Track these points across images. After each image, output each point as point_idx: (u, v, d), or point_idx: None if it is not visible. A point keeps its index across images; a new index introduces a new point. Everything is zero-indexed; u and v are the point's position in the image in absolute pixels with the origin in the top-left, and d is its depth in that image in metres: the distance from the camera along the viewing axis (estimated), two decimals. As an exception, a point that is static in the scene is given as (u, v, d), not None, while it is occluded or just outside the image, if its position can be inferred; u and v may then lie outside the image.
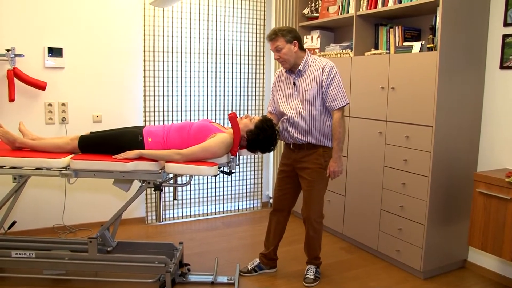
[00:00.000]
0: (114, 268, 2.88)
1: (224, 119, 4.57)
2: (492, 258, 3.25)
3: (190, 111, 4.41)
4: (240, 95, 4.64)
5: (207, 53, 4.42)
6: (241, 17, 4.53)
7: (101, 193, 4.14)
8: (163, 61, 4.20)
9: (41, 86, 3.65)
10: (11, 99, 3.53)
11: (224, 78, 4.53)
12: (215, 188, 4.69)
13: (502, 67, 3.10)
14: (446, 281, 3.21)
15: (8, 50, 3.53)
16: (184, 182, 3.10)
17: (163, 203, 4.42)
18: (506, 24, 3.05)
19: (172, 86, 4.28)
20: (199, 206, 4.62)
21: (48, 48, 3.74)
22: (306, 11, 4.45)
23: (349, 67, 3.74)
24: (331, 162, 2.93)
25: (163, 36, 4.16)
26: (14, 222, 3.57)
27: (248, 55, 4.62)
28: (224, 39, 4.48)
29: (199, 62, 4.39)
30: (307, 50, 3.01)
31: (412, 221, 3.22)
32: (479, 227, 2.86)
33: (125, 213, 3.08)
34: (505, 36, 3.05)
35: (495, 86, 3.16)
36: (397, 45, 3.46)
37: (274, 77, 3.22)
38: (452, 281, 3.21)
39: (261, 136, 2.83)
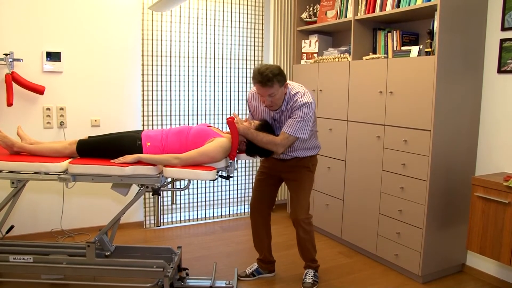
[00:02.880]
0: (112, 273, 2.87)
1: (222, 123, 4.58)
2: (490, 262, 3.25)
3: (188, 115, 4.41)
4: (238, 100, 4.65)
5: (206, 58, 4.42)
6: (239, 21, 4.54)
7: (99, 198, 4.13)
8: (162, 65, 4.21)
9: (39, 91, 3.66)
10: (9, 104, 3.52)
11: (222, 82, 4.54)
12: (214, 192, 4.69)
13: (499, 71, 3.11)
14: (444, 285, 3.21)
15: (6, 55, 3.53)
16: (182, 186, 3.09)
17: (162, 207, 4.42)
18: (503, 29, 3.06)
19: (171, 91, 4.29)
20: (197, 211, 4.61)
21: (47, 52, 3.74)
22: (304, 15, 4.46)
23: (347, 71, 3.75)
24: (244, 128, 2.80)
25: (162, 40, 4.17)
26: (12, 227, 3.56)
27: (246, 60, 4.63)
28: (222, 44, 4.49)
29: (197, 67, 4.40)
30: (287, 84, 2.84)
31: (410, 225, 3.22)
32: (477, 231, 2.86)
33: (123, 217, 3.07)
34: (502, 41, 3.07)
35: (493, 90, 3.17)
36: (395, 49, 3.47)
37: (249, 95, 3.10)
38: (450, 285, 3.21)
39: None
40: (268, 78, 2.66)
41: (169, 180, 3.06)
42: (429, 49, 3.10)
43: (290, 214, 3.08)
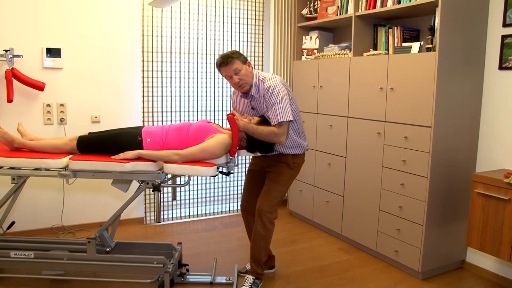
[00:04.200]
0: (112, 269, 2.88)
1: (222, 119, 4.57)
2: (490, 259, 3.25)
3: (189, 111, 4.41)
4: (239, 96, 4.64)
5: (206, 54, 4.42)
6: (239, 17, 4.53)
7: (100, 194, 4.14)
8: (162, 61, 4.20)
9: (39, 87, 3.65)
10: (10, 100, 3.52)
11: (222, 78, 4.53)
12: (214, 188, 4.69)
13: (501, 67, 3.10)
14: (444, 281, 3.21)
15: (6, 51, 3.53)
16: (182, 182, 3.09)
17: (162, 203, 4.42)
18: (505, 25, 3.05)
19: (171, 87, 4.28)
20: (197, 207, 4.62)
21: (47, 48, 3.74)
22: (304, 11, 4.45)
23: (347, 67, 3.74)
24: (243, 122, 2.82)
25: (162, 36, 4.16)
26: (13, 223, 3.57)
27: (246, 56, 4.59)
28: (223, 40, 4.48)
29: (197, 63, 4.39)
30: (252, 68, 2.93)
31: (410, 221, 3.22)
32: (477, 228, 2.86)
33: (123, 213, 3.08)
34: (504, 37, 3.06)
35: (494, 86, 3.17)
36: (396, 45, 3.47)
37: (232, 95, 3.18)
38: (450, 281, 3.22)
39: None
40: (227, 55, 2.80)
41: (169, 176, 3.06)
42: (430, 46, 3.10)
43: (257, 204, 2.96)
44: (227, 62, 2.79)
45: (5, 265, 2.93)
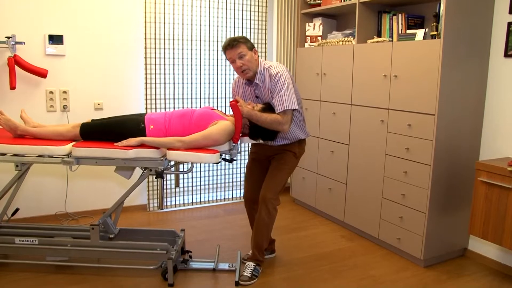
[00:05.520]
0: (116, 255, 2.91)
1: (225, 106, 4.56)
2: (493, 247, 3.26)
3: (191, 98, 4.40)
4: (241, 83, 4.62)
5: (209, 41, 4.39)
6: (243, 4, 4.49)
7: (103, 181, 4.15)
8: (165, 48, 4.18)
9: (42, 74, 3.65)
10: (13, 87, 3.52)
11: (226, 65, 4.51)
12: (217, 175, 4.70)
13: (506, 55, 3.07)
14: (446, 269, 3.23)
15: (8, 38, 3.52)
16: (185, 169, 3.10)
17: (165, 190, 4.44)
18: (511, 11, 3.01)
19: (174, 74, 4.27)
20: (200, 194, 4.63)
21: (49, 35, 3.72)
22: (308, -2, 4.41)
23: (351, 55, 3.71)
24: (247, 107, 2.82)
25: (165, 23, 4.14)
26: (17, 209, 3.59)
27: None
28: (226, 27, 4.45)
29: (201, 50, 4.37)
30: (258, 57, 2.94)
31: (413, 209, 3.22)
32: (480, 216, 2.86)
33: (127, 200, 3.09)
34: (510, 24, 3.02)
35: (499, 74, 3.14)
36: (400, 32, 3.43)
37: (233, 83, 3.15)
38: (452, 269, 3.23)
39: None
40: (233, 39, 2.81)
41: (172, 163, 3.06)
42: (435, 33, 3.07)
43: (261, 191, 2.98)
44: (233, 45, 2.79)
45: (9, 251, 2.95)
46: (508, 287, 2.99)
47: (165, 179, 4.33)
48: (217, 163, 2.70)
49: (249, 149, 3.29)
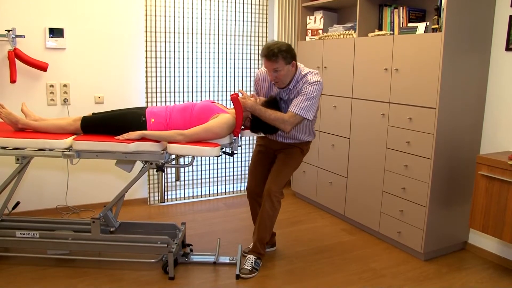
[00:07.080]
0: (117, 248, 2.91)
1: (226, 100, 4.56)
2: (493, 240, 3.27)
3: (192, 92, 4.40)
4: (242, 76, 4.62)
5: (210, 34, 4.38)
6: (243, -3, 4.48)
7: (104, 174, 4.15)
8: (165, 41, 4.17)
9: (42, 67, 3.64)
10: (13, 80, 3.51)
11: (226, 59, 4.50)
12: (217, 169, 4.70)
13: (508, 48, 3.06)
14: (446, 262, 3.23)
15: (8, 31, 3.51)
16: (186, 163, 3.10)
17: (166, 184, 4.44)
18: (513, 5, 3.00)
19: (175, 67, 4.26)
20: (201, 187, 4.64)
21: (49, 28, 3.70)
22: (309, -9, 4.39)
23: (352, 48, 3.70)
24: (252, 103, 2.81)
25: (165, 16, 4.12)
26: (18, 203, 3.60)
27: (250, 36, 4.58)
28: (227, 20, 4.44)
29: (201, 43, 4.35)
30: (298, 66, 2.89)
31: (413, 203, 3.23)
32: (480, 209, 2.86)
33: (127, 194, 3.09)
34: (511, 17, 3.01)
35: (500, 68, 3.13)
36: (401, 26, 3.42)
37: (258, 74, 3.11)
38: (452, 262, 3.24)
39: None
40: (273, 53, 2.70)
41: (173, 156, 3.06)
42: (436, 26, 3.05)
43: (266, 185, 2.98)
44: (270, 59, 2.73)
45: (10, 244, 2.96)
46: (508, 280, 3.00)
47: (165, 172, 4.33)
48: (217, 157, 2.69)
49: (255, 141, 3.27)
